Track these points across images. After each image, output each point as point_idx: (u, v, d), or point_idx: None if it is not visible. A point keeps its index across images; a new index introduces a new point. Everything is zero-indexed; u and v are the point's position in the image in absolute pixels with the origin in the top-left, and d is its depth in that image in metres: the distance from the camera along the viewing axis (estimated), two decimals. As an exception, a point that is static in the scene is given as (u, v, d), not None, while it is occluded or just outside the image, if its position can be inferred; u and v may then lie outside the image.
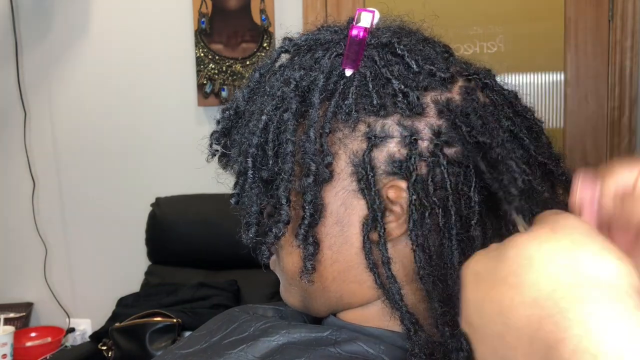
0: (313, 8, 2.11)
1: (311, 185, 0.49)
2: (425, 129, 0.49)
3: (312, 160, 0.49)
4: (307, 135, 0.49)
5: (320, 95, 0.50)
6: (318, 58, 0.52)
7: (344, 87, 0.50)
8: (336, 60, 0.51)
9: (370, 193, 0.49)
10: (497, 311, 0.32)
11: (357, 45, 0.50)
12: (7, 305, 2.35)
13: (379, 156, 0.49)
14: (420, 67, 0.50)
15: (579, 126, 2.02)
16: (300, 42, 0.54)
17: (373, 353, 0.50)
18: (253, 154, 0.51)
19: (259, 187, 0.52)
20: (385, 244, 0.49)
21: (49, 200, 2.38)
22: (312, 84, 0.50)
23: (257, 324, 0.55)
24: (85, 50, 2.31)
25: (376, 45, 0.52)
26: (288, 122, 0.50)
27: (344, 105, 0.50)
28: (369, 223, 0.50)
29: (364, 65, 0.51)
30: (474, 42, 2.06)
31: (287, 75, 0.52)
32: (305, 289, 0.55)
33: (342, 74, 0.51)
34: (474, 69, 0.54)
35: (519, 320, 0.31)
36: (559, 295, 0.30)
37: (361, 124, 0.50)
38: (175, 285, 2.02)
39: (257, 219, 0.53)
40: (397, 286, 0.50)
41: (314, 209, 0.50)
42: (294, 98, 0.50)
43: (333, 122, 0.50)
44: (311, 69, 0.51)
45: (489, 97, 0.53)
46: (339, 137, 0.51)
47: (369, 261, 0.50)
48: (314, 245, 0.51)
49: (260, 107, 0.52)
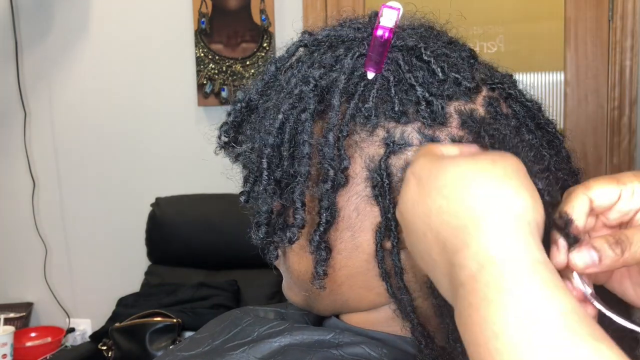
0: (313, 8, 2.11)
1: (329, 191, 0.47)
2: (447, 139, 0.48)
3: (330, 166, 0.47)
4: (325, 139, 0.47)
5: (341, 97, 0.48)
6: (339, 57, 0.50)
7: (364, 90, 0.49)
8: (358, 61, 0.49)
9: (385, 200, 0.47)
10: (426, 213, 0.39)
11: (381, 46, 0.48)
12: (7, 305, 2.35)
13: (396, 163, 0.48)
14: (446, 75, 0.49)
15: (579, 126, 2.02)
16: (321, 37, 0.52)
17: (375, 356, 0.49)
18: (269, 154, 0.49)
19: (273, 188, 0.50)
20: (398, 254, 0.48)
21: (49, 200, 2.38)
22: (332, 85, 0.49)
23: (260, 328, 0.54)
24: (85, 50, 2.30)
25: (401, 48, 0.50)
26: (305, 123, 0.48)
27: (364, 109, 0.48)
28: (382, 231, 0.48)
29: (387, 69, 0.49)
30: (474, 42, 2.05)
31: (305, 73, 0.50)
32: (311, 289, 0.54)
33: (364, 76, 0.49)
34: (498, 76, 0.53)
35: (440, 225, 0.38)
36: (474, 213, 0.36)
37: (380, 129, 0.48)
38: (175, 285, 2.02)
39: (268, 219, 0.51)
40: (408, 297, 0.49)
41: (330, 215, 0.48)
42: (313, 98, 0.48)
43: (351, 124, 0.48)
44: (331, 68, 0.49)
45: (511, 107, 0.51)
46: (355, 140, 0.49)
47: (382, 269, 0.49)
48: (326, 251, 0.49)
49: (277, 105, 0.50)
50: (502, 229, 0.35)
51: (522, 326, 0.32)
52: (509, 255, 0.34)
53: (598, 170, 2.00)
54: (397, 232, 0.47)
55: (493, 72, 0.53)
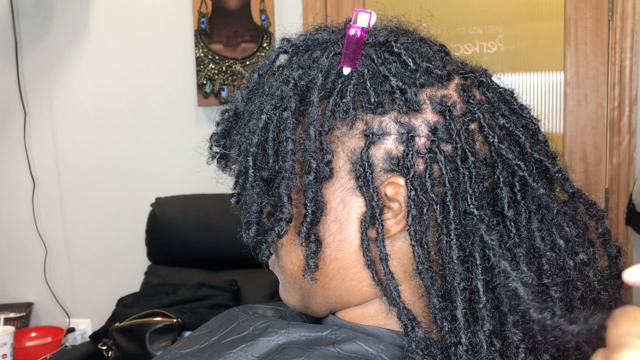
0: (313, 8, 2.11)
1: (312, 182, 0.49)
2: (422, 126, 0.50)
3: (312, 158, 0.49)
4: (307, 134, 0.49)
5: (319, 93, 0.50)
6: (316, 57, 0.52)
7: (342, 86, 0.51)
8: (334, 59, 0.52)
9: (369, 190, 0.49)
10: None
11: (354, 44, 0.50)
12: (7, 305, 2.35)
13: (376, 153, 0.50)
14: (417, 64, 0.51)
15: (579, 126, 2.02)
16: (298, 42, 0.55)
17: (372, 352, 0.50)
18: (254, 152, 0.51)
19: (260, 186, 0.52)
20: (383, 241, 0.50)
21: (49, 200, 2.38)
22: (311, 83, 0.51)
23: (256, 323, 0.55)
24: (85, 50, 2.31)
25: (373, 44, 0.52)
26: (288, 121, 0.50)
27: (342, 104, 0.50)
28: (367, 220, 0.50)
29: (362, 64, 0.51)
30: (474, 42, 2.06)
31: (285, 75, 0.52)
32: (305, 288, 0.55)
33: (340, 73, 0.51)
34: (470, 67, 0.55)
35: None
36: None
37: (359, 122, 0.50)
38: (175, 285, 2.02)
39: (258, 218, 0.53)
40: (394, 283, 0.50)
41: (315, 206, 0.50)
42: (293, 97, 0.50)
43: (331, 120, 0.50)
44: (309, 68, 0.52)
45: (484, 94, 0.53)
46: (337, 135, 0.51)
47: (367, 258, 0.51)
48: (316, 244, 0.51)
49: (260, 107, 0.52)
50: None
51: None
52: None
53: (598, 170, 2.00)
54: (381, 220, 0.49)
55: (465, 64, 0.56)
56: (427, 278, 0.49)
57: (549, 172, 0.52)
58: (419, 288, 0.51)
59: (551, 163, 0.53)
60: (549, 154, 0.54)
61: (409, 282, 0.52)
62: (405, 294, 0.51)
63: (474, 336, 0.47)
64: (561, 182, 0.53)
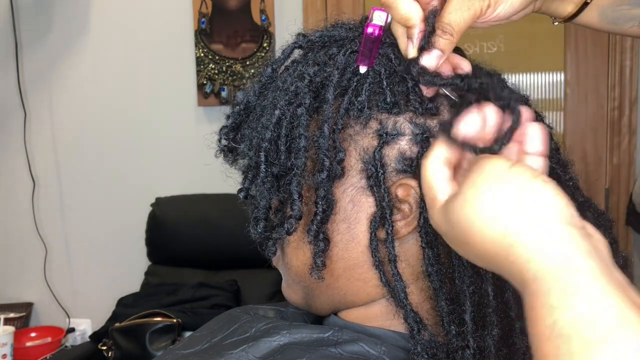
0: (313, 8, 2.11)
1: (324, 180, 0.49)
2: (437, 127, 0.49)
3: (325, 156, 0.49)
4: (320, 131, 0.49)
5: (335, 91, 0.50)
6: (332, 54, 0.52)
7: (357, 84, 0.50)
8: (350, 57, 0.51)
9: (380, 190, 0.49)
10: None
11: (372, 42, 0.49)
12: (7, 305, 2.35)
13: (389, 153, 0.49)
14: None
15: (579, 126, 2.02)
16: (314, 38, 0.54)
17: (374, 354, 0.50)
18: (266, 148, 0.51)
19: (271, 181, 0.52)
20: (392, 242, 0.49)
21: (49, 200, 2.38)
22: (326, 80, 0.50)
23: (258, 324, 0.55)
24: (85, 50, 2.30)
25: (391, 43, 0.51)
26: (301, 117, 0.50)
27: (357, 102, 0.50)
28: (376, 220, 0.50)
29: (379, 63, 0.50)
30: (474, 42, 2.05)
31: (300, 71, 0.52)
32: (309, 286, 0.55)
33: (356, 71, 0.50)
34: (485, 71, 0.54)
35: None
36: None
37: (373, 121, 0.50)
38: (175, 285, 2.02)
39: (266, 214, 0.53)
40: (402, 284, 0.50)
41: (326, 204, 0.49)
42: (308, 93, 0.50)
43: (345, 118, 0.50)
44: (325, 64, 0.51)
45: None
46: (350, 133, 0.50)
47: (375, 259, 0.50)
48: (324, 242, 0.51)
49: (273, 102, 0.52)
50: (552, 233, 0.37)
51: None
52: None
53: (598, 170, 2.00)
54: (391, 221, 0.49)
55: (480, 67, 0.55)
56: (437, 280, 0.49)
57: (560, 180, 0.52)
58: (426, 290, 0.51)
59: (562, 171, 0.52)
60: (560, 161, 0.54)
61: (416, 284, 0.51)
62: (412, 295, 0.51)
63: (482, 340, 0.47)
64: (571, 191, 0.53)
